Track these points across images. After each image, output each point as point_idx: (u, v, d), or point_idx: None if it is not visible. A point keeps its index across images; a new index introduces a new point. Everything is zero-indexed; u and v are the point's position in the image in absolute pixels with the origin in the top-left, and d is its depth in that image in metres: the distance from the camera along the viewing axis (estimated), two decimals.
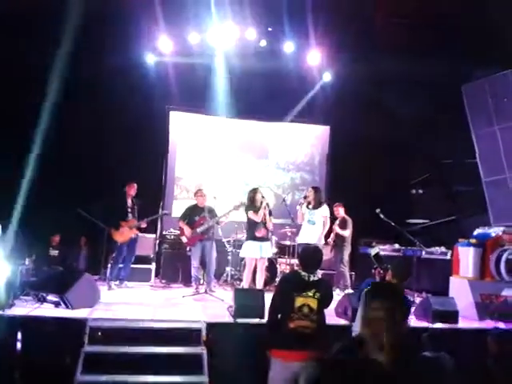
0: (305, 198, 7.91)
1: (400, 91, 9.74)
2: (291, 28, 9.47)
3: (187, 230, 7.67)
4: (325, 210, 7.79)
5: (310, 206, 7.79)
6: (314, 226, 7.70)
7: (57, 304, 5.81)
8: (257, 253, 7.27)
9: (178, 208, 10.14)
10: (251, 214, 7.26)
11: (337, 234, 8.49)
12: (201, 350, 5.06)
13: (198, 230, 7.61)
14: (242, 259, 8.06)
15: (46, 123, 8.79)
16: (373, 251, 4.86)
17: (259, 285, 7.33)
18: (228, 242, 8.85)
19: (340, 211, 8.60)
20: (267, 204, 7.46)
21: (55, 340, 5.05)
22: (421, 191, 10.84)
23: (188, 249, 8.11)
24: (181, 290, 7.97)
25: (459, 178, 9.98)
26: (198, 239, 7.65)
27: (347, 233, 8.41)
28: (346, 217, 8.55)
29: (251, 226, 7.32)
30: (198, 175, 10.45)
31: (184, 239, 7.80)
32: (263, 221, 7.31)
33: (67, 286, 5.79)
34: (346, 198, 9.00)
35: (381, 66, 9.30)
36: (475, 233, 7.70)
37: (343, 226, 8.48)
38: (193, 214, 7.78)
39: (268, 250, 7.45)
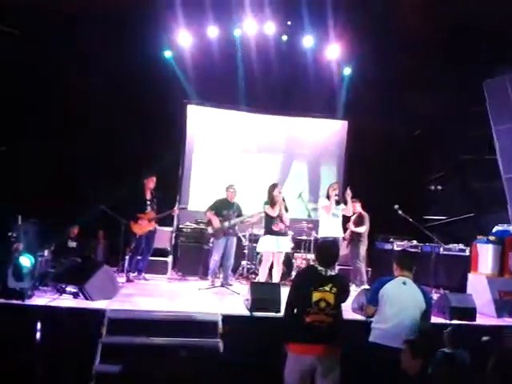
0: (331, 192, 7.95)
1: (419, 87, 9.66)
2: (310, 22, 9.43)
3: (215, 222, 7.69)
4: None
5: (333, 202, 7.87)
6: (337, 220, 7.87)
7: (75, 295, 5.88)
8: (274, 247, 7.31)
9: (194, 202, 10.21)
10: (268, 208, 7.29)
11: (353, 231, 8.46)
12: (217, 342, 5.09)
13: (226, 224, 7.65)
14: (258, 253, 8.08)
15: (67, 118, 8.92)
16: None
17: (276, 279, 7.35)
18: (244, 236, 8.87)
19: (356, 207, 8.55)
20: (283, 199, 7.47)
21: (74, 330, 5.11)
22: (439, 187, 10.73)
23: (211, 241, 8.12)
24: (197, 283, 8.02)
25: (478, 174, 9.86)
26: (223, 233, 7.68)
27: (363, 229, 8.38)
28: (363, 212, 8.51)
29: (268, 221, 7.36)
30: (215, 169, 10.47)
31: (210, 230, 7.82)
32: (280, 216, 7.33)
33: (86, 277, 5.85)
34: (364, 194, 8.94)
35: (400, 61, 9.24)
36: (494, 230, 7.63)
37: (359, 221, 8.44)
38: (221, 208, 7.81)
39: (286, 244, 7.53)
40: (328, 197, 7.94)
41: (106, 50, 8.59)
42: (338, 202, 7.90)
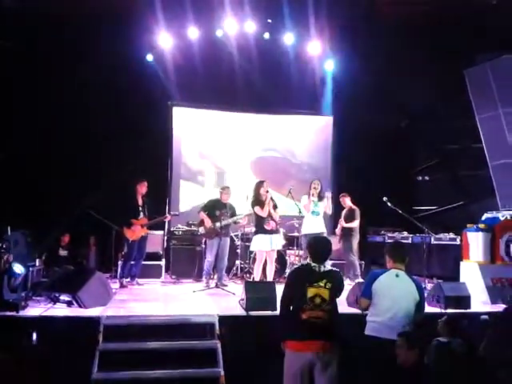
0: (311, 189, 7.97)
1: (402, 78, 9.72)
2: (291, 19, 9.44)
3: (208, 222, 7.68)
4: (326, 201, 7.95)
5: (315, 198, 7.89)
6: (318, 217, 7.92)
7: (69, 303, 5.83)
8: (267, 245, 7.36)
9: (184, 204, 10.18)
10: (258, 209, 7.32)
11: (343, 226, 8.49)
12: (215, 343, 5.08)
13: (218, 224, 7.63)
14: (252, 252, 8.10)
15: (50, 123, 8.85)
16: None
17: (270, 277, 7.38)
18: (236, 235, 8.87)
19: (346, 201, 8.58)
20: (271, 198, 7.48)
21: (70, 339, 5.08)
22: (427, 178, 10.81)
23: (203, 242, 8.09)
24: (191, 285, 7.99)
25: (465, 163, 9.95)
26: (216, 233, 7.67)
27: (355, 224, 8.40)
28: (353, 206, 8.54)
29: (259, 220, 7.39)
30: (204, 170, 10.45)
31: (202, 230, 7.81)
32: (270, 214, 7.36)
33: (79, 285, 5.81)
34: (353, 188, 8.99)
35: (382, 54, 9.29)
36: (483, 217, 7.72)
37: (351, 216, 8.45)
38: (215, 208, 7.79)
39: (278, 241, 7.59)
40: (309, 193, 7.97)
41: (89, 55, 8.53)
42: (320, 198, 7.95)
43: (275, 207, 7.54)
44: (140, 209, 7.96)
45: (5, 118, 8.50)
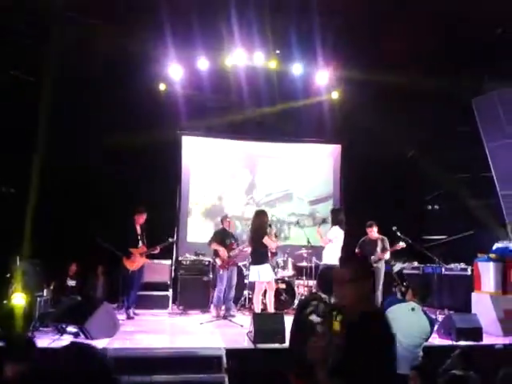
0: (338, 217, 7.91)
1: (410, 107, 9.75)
2: (299, 50, 9.57)
3: (224, 253, 7.65)
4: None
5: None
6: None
7: (76, 335, 5.81)
8: (269, 275, 7.19)
9: (193, 233, 10.16)
10: (267, 240, 7.13)
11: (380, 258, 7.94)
12: (222, 377, 5.00)
13: (232, 253, 7.62)
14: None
15: (59, 154, 8.93)
16: (395, 268, 4.79)
17: (270, 307, 7.21)
18: (244, 265, 8.80)
19: (375, 230, 8.11)
20: (270, 225, 7.45)
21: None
22: (436, 207, 10.74)
23: (216, 272, 8.03)
24: (199, 317, 7.92)
25: (475, 192, 9.88)
26: (231, 263, 7.64)
27: (388, 254, 8.04)
28: (383, 236, 8.14)
29: (260, 251, 7.18)
30: (212, 199, 10.46)
31: (219, 261, 7.77)
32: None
33: (86, 316, 5.80)
34: (361, 216, 8.92)
35: (389, 83, 9.34)
36: (494, 247, 7.62)
37: (384, 247, 8.00)
38: (223, 238, 7.79)
39: (266, 273, 7.16)
40: (340, 222, 7.87)
41: (98, 85, 8.66)
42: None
43: (275, 235, 7.60)
44: (139, 238, 7.99)
45: (15, 149, 8.61)
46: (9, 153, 8.39)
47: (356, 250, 7.94)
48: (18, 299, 5.53)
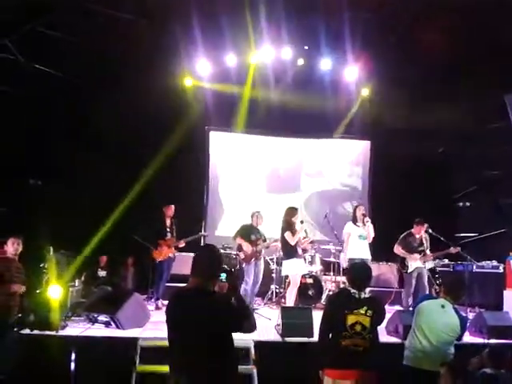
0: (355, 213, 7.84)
1: (441, 103, 9.59)
2: (327, 45, 9.51)
3: (247, 247, 7.72)
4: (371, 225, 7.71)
5: (360, 223, 7.73)
6: (365, 241, 7.66)
7: (107, 324, 5.92)
8: (301, 269, 7.30)
9: (223, 227, 10.23)
10: (288, 235, 7.17)
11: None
12: (251, 368, 5.03)
13: (256, 248, 7.68)
14: (286, 277, 8.01)
15: (89, 149, 9.11)
16: (428, 265, 4.73)
17: (291, 301, 7.23)
18: (271, 259, 8.82)
19: (423, 229, 7.81)
20: (301, 221, 7.45)
21: (107, 360, 5.13)
22: (468, 204, 10.55)
23: (242, 266, 8.08)
24: None
25: (506, 189, 9.68)
26: (254, 257, 7.71)
27: None
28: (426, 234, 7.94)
29: (290, 245, 7.24)
30: (240, 194, 10.50)
31: (242, 255, 7.84)
32: (299, 241, 7.31)
33: (117, 306, 5.89)
34: (391, 214, 8.86)
35: (419, 79, 9.21)
36: None
37: (428, 246, 7.80)
38: (249, 233, 7.84)
39: (303, 266, 7.46)
40: (355, 218, 7.83)
41: (127, 81, 8.77)
42: (364, 224, 7.71)
43: (306, 233, 7.57)
44: (168, 230, 8.10)
45: (45, 142, 8.82)
46: (39, 143, 8.61)
47: (396, 246, 7.77)
48: (55, 290, 5.66)
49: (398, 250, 7.73)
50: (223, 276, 3.09)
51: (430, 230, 7.40)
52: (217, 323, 2.82)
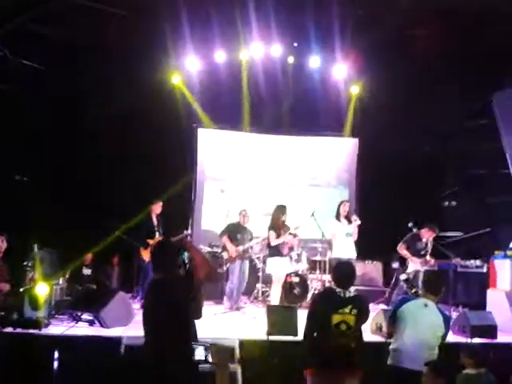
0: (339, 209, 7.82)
1: (428, 102, 9.65)
2: (317, 42, 9.52)
3: (231, 247, 7.69)
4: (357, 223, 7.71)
5: (344, 220, 7.70)
6: (350, 239, 7.63)
7: (91, 323, 5.88)
8: (286, 268, 7.34)
9: (207, 225, 10.19)
10: (272, 234, 7.24)
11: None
12: (235, 367, 5.02)
13: (241, 247, 7.65)
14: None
15: (77, 146, 9.03)
16: (402, 277, 4.80)
17: (276, 300, 7.27)
18: (258, 258, 8.80)
19: (433, 234, 7.73)
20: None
21: (91, 359, 5.08)
22: (453, 203, 10.62)
23: (226, 265, 8.08)
24: (212, 308, 7.95)
25: (492, 188, 9.76)
26: (238, 257, 7.68)
27: None
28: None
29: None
30: (227, 191, 10.47)
31: (225, 255, 7.82)
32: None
33: (101, 304, 5.85)
34: (377, 212, 8.88)
35: (407, 77, 9.25)
36: (511, 245, 7.53)
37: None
38: (235, 232, 7.82)
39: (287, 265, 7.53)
40: (338, 215, 7.79)
41: (114, 77, 8.70)
42: (349, 221, 7.70)
43: (295, 235, 7.69)
44: (155, 229, 8.05)
45: (31, 138, 8.73)
46: (24, 142, 8.53)
47: (401, 245, 7.66)
48: (41, 288, 5.61)
49: (401, 249, 7.62)
50: (184, 256, 3.67)
51: (415, 229, 7.43)
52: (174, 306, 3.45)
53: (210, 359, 4.42)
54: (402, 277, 6.24)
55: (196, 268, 3.60)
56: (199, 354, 4.45)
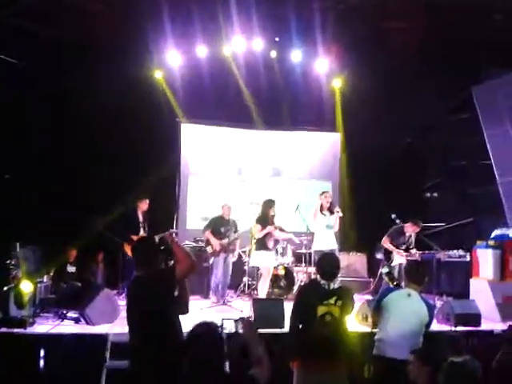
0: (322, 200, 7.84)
1: (410, 95, 9.73)
2: (298, 37, 9.52)
3: (214, 241, 7.69)
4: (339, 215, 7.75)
5: (326, 212, 7.74)
6: (331, 231, 7.68)
7: (77, 320, 5.85)
8: (272, 262, 7.41)
9: (192, 220, 10.18)
10: (258, 227, 7.30)
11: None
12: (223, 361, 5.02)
13: (224, 241, 7.65)
14: (258, 269, 8.04)
15: (58, 142, 8.93)
16: (383, 270, 4.85)
17: (263, 293, 7.35)
18: (244, 251, 8.82)
19: (417, 229, 7.74)
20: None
21: (77, 356, 5.06)
22: (435, 194, 10.75)
23: (211, 259, 8.08)
24: (199, 302, 7.95)
25: (474, 179, 9.90)
26: (222, 250, 7.68)
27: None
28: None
29: (262, 237, 7.35)
30: (211, 186, 10.46)
31: (209, 249, 7.81)
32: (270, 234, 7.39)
33: (86, 302, 5.83)
34: (361, 204, 8.94)
35: (389, 71, 9.32)
36: (493, 234, 7.66)
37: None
38: (218, 225, 7.82)
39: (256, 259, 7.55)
40: (321, 207, 7.74)
41: (97, 74, 8.61)
42: (331, 212, 7.73)
43: (282, 230, 7.70)
44: (140, 225, 8.02)
45: (14, 135, 8.61)
46: (5, 138, 8.41)
47: (385, 238, 7.68)
48: (26, 286, 5.56)
49: (385, 242, 7.65)
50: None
51: (398, 220, 7.51)
52: (156, 300, 3.52)
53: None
54: (384, 270, 6.32)
55: (178, 263, 3.60)
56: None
